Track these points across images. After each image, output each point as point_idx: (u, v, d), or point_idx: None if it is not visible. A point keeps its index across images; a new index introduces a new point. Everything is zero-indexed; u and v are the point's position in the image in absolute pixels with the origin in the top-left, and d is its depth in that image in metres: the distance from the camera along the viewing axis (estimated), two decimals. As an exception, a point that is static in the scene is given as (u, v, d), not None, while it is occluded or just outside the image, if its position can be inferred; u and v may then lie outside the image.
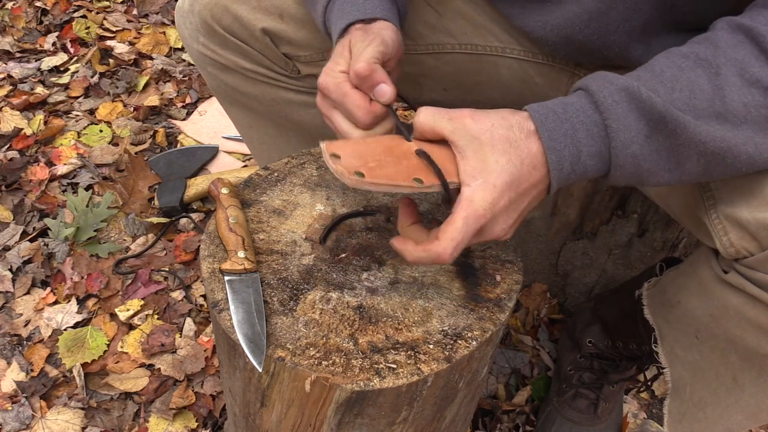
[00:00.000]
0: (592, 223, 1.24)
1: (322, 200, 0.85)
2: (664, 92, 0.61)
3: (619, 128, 0.61)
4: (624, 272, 1.32)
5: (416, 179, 0.63)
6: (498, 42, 0.98)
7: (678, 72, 0.62)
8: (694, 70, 0.61)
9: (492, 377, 1.33)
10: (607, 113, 0.61)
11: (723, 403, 0.81)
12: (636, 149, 0.61)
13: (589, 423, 1.22)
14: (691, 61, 0.62)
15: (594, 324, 1.23)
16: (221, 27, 0.95)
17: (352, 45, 0.74)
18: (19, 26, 2.18)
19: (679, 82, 0.61)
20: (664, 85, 0.61)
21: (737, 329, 0.72)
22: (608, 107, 0.61)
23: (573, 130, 0.61)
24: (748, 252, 0.67)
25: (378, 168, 0.63)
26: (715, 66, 0.61)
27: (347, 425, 0.73)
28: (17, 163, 1.70)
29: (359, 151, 0.64)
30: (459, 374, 0.73)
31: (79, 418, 1.24)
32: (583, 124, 0.62)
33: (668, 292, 0.88)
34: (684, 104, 0.60)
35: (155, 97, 1.96)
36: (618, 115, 0.60)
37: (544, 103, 0.64)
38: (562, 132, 0.61)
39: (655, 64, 0.64)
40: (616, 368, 1.20)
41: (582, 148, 0.62)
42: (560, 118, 0.62)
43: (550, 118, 0.62)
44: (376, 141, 0.67)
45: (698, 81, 0.61)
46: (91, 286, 1.44)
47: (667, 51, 0.66)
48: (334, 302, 0.73)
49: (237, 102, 1.07)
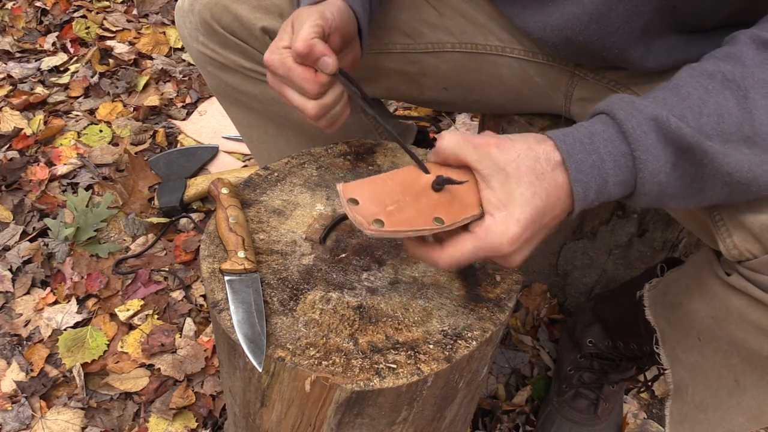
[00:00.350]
0: (592, 223, 1.24)
1: (322, 200, 0.85)
2: (693, 118, 0.59)
3: (648, 159, 0.59)
4: (624, 272, 1.32)
5: (437, 219, 0.62)
6: (498, 41, 0.98)
7: (705, 95, 0.60)
8: (721, 93, 0.60)
9: (492, 377, 1.33)
10: (635, 144, 0.59)
11: (725, 405, 0.81)
12: (662, 178, 0.60)
13: (589, 423, 1.22)
14: (719, 83, 0.61)
15: (594, 324, 1.23)
16: (221, 26, 0.95)
17: (294, 21, 0.75)
18: (19, 26, 2.18)
19: (707, 107, 0.60)
20: (692, 110, 0.60)
21: (739, 331, 0.72)
22: (637, 138, 0.59)
23: (600, 161, 0.60)
24: (752, 254, 0.67)
25: (397, 212, 0.62)
26: (743, 88, 0.60)
27: (347, 425, 0.73)
28: (17, 163, 1.70)
29: (376, 192, 0.63)
30: (459, 374, 0.73)
31: (79, 418, 1.24)
32: (611, 155, 0.60)
33: (670, 294, 0.88)
34: (712, 129, 0.59)
35: (155, 97, 1.96)
36: (647, 146, 0.59)
37: (569, 131, 0.62)
38: (590, 164, 0.60)
39: (681, 85, 0.62)
40: (616, 368, 1.20)
41: (608, 179, 0.61)
42: (587, 149, 0.60)
43: (577, 149, 0.60)
44: (392, 177, 0.65)
45: (726, 104, 0.60)
46: (91, 286, 1.44)
47: (691, 68, 0.63)
48: (334, 302, 0.73)
49: (237, 101, 1.07)
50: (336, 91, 0.76)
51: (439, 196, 0.64)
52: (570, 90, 1.00)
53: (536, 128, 1.11)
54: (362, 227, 0.61)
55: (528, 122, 1.13)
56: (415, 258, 0.66)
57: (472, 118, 1.93)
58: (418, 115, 1.96)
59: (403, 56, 0.99)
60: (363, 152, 0.92)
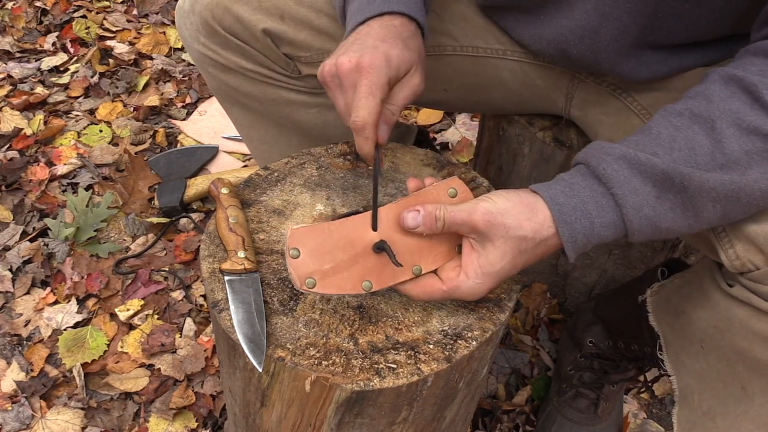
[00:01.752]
0: (592, 223, 1.24)
1: (322, 200, 0.85)
2: (663, 153, 0.62)
3: (625, 194, 0.62)
4: (624, 272, 1.32)
5: (366, 282, 0.67)
6: (499, 44, 0.98)
7: (674, 131, 0.63)
8: (690, 128, 0.62)
9: (492, 377, 1.33)
10: (610, 183, 0.62)
11: (732, 412, 0.80)
12: (648, 211, 0.62)
13: (590, 423, 1.22)
14: (686, 119, 0.63)
15: (595, 324, 1.23)
16: (222, 27, 0.94)
17: (409, 73, 0.74)
18: (19, 26, 2.18)
19: (677, 142, 0.62)
20: (662, 146, 0.62)
21: (744, 341, 0.71)
22: (610, 177, 0.62)
23: (582, 203, 0.63)
24: (754, 265, 0.66)
25: (332, 272, 0.66)
26: (710, 120, 0.62)
27: (347, 425, 0.73)
28: (17, 163, 1.70)
29: (320, 245, 0.66)
30: (459, 374, 0.73)
31: (79, 418, 1.24)
32: (592, 198, 0.63)
33: (673, 301, 0.87)
34: (685, 161, 0.61)
35: (155, 97, 1.96)
36: (621, 182, 0.62)
37: (550, 185, 0.65)
38: (572, 206, 0.63)
39: (651, 127, 0.65)
40: (616, 368, 1.20)
41: (594, 220, 0.63)
42: (568, 194, 0.64)
43: (559, 195, 0.64)
44: (340, 229, 0.68)
45: (696, 138, 0.62)
46: (91, 286, 1.44)
47: (663, 110, 0.66)
48: (334, 302, 0.73)
49: (237, 102, 1.07)
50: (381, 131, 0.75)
51: (376, 258, 0.68)
52: (571, 92, 1.00)
53: (536, 128, 1.11)
54: (294, 283, 0.65)
55: (528, 122, 1.13)
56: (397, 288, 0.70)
57: (472, 118, 1.93)
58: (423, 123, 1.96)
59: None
60: (363, 152, 0.92)
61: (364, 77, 0.71)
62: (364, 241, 0.68)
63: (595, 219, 0.63)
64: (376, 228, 0.68)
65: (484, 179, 0.91)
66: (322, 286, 0.65)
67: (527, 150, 1.20)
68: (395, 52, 0.72)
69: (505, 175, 1.27)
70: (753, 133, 0.61)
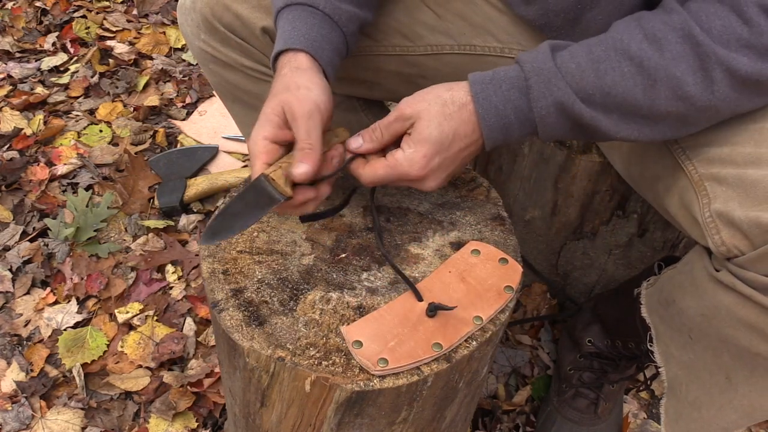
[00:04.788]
0: (592, 223, 1.24)
1: (322, 200, 0.85)
2: (600, 96, 0.69)
3: (548, 131, 0.72)
4: (624, 272, 1.32)
5: (435, 344, 0.69)
6: (497, 42, 0.98)
7: (619, 78, 0.68)
8: (633, 78, 0.68)
9: (492, 377, 1.33)
10: (540, 120, 0.71)
11: (717, 402, 0.81)
12: (558, 134, 0.73)
13: (590, 423, 1.22)
14: (635, 67, 0.68)
15: (594, 323, 1.23)
16: (222, 25, 0.95)
17: (286, 113, 0.73)
18: (19, 26, 2.18)
19: (616, 88, 0.68)
20: (601, 90, 0.68)
21: (729, 329, 0.73)
22: (542, 117, 0.71)
23: (509, 124, 0.72)
24: (740, 251, 0.68)
25: (398, 346, 0.68)
26: (653, 79, 0.67)
27: (347, 425, 0.73)
28: (17, 163, 1.70)
29: (377, 330, 0.69)
30: (459, 374, 0.73)
31: (79, 418, 1.24)
32: (518, 120, 0.72)
33: (665, 291, 0.89)
34: (614, 106, 0.69)
35: (155, 97, 1.96)
36: (550, 124, 0.71)
37: (488, 92, 0.72)
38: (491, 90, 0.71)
39: (602, 59, 0.69)
40: (615, 368, 1.20)
41: (514, 134, 0.73)
42: (500, 113, 0.71)
43: (490, 93, 0.71)
44: (389, 311, 0.72)
45: (634, 90, 0.68)
46: (90, 286, 1.44)
47: (619, 41, 0.69)
48: (334, 302, 0.73)
49: (238, 99, 1.07)
50: (306, 195, 0.73)
51: (433, 321, 0.71)
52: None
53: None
54: (369, 369, 0.67)
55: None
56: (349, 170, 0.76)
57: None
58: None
59: (402, 58, 0.99)
60: (363, 152, 0.92)
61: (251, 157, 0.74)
62: (416, 312, 0.71)
63: (514, 132, 0.72)
64: (422, 298, 0.73)
65: (484, 179, 0.91)
66: (395, 360, 0.67)
67: (527, 150, 1.20)
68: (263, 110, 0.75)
69: (505, 175, 1.27)
70: (684, 101, 0.67)
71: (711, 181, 0.73)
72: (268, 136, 0.72)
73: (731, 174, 0.70)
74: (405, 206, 0.86)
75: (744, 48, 0.65)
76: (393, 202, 0.86)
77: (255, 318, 0.71)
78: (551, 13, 0.88)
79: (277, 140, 0.73)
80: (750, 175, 0.67)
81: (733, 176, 0.69)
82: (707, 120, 0.71)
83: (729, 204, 0.69)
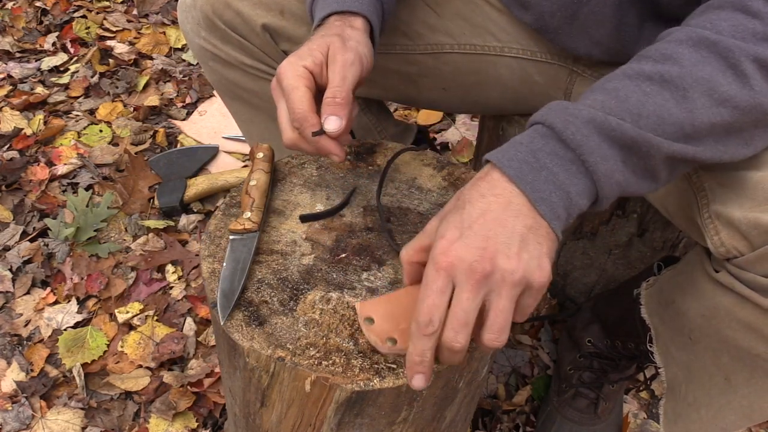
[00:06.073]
0: (591, 223, 1.24)
1: (323, 200, 0.85)
2: (632, 119, 0.59)
3: (596, 161, 0.58)
4: (624, 272, 1.32)
5: None
6: (496, 41, 0.98)
7: (644, 97, 0.60)
8: (660, 94, 0.60)
9: (492, 377, 1.33)
10: (580, 149, 0.58)
11: (716, 403, 0.81)
12: (619, 177, 0.60)
13: (590, 422, 1.22)
14: (657, 85, 0.60)
15: (594, 323, 1.23)
16: (222, 22, 0.95)
17: (329, 54, 0.72)
18: (19, 26, 2.18)
19: (646, 108, 0.59)
20: (630, 112, 0.59)
21: (728, 330, 0.73)
22: (579, 143, 0.58)
23: (552, 175, 0.58)
24: (739, 252, 0.68)
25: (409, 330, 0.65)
26: (682, 89, 0.60)
27: (347, 425, 0.73)
28: (17, 163, 1.70)
29: (391, 311, 0.68)
30: (459, 374, 0.73)
31: (79, 418, 1.24)
32: (561, 167, 0.59)
33: (664, 292, 0.89)
34: (653, 130, 0.59)
35: (155, 97, 1.96)
36: (591, 148, 0.58)
37: (511, 155, 0.60)
38: (542, 179, 0.58)
39: (618, 88, 0.61)
40: (615, 368, 1.20)
41: (569, 189, 0.59)
42: (533, 166, 0.59)
43: (525, 170, 0.59)
44: (407, 294, 0.68)
45: (666, 105, 0.59)
46: (91, 286, 1.44)
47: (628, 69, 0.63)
48: (334, 302, 0.73)
49: (238, 97, 1.08)
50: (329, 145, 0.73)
51: None
52: (569, 87, 1.00)
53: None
54: (377, 346, 0.66)
55: (528, 122, 1.13)
56: None
57: (472, 118, 1.93)
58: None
59: (402, 57, 0.99)
60: (363, 152, 0.92)
61: (282, 79, 0.72)
62: None
63: (570, 188, 0.58)
64: None
65: (484, 179, 0.91)
66: (403, 341, 0.65)
67: (527, 150, 1.19)
68: (306, 46, 0.73)
69: (505, 175, 1.27)
70: (723, 105, 0.60)
71: (710, 181, 0.73)
72: (308, 66, 0.71)
73: (730, 175, 0.70)
74: (405, 206, 0.86)
75: (762, 41, 0.60)
76: (393, 202, 0.86)
77: (255, 318, 0.71)
78: (546, 15, 0.89)
79: (314, 74, 0.72)
80: (749, 176, 0.67)
81: (733, 177, 0.69)
82: (754, 124, 0.62)
83: (728, 205, 0.68)
